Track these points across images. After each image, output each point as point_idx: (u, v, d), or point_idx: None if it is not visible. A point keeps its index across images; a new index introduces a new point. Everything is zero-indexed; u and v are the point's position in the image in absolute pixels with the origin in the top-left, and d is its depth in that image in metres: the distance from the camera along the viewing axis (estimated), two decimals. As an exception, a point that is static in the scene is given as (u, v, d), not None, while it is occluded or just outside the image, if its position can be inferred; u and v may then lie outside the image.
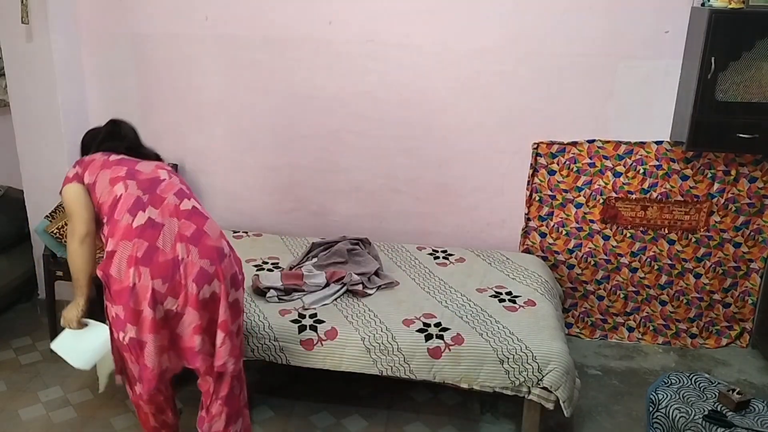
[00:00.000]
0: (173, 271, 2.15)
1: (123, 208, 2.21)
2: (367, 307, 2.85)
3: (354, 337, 2.63)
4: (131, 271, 2.12)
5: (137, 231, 2.17)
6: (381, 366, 2.62)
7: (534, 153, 3.43)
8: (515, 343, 2.59)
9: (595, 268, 3.56)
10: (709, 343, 3.58)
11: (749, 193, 3.35)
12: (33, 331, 3.54)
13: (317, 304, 2.84)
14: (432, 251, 3.44)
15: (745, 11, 2.91)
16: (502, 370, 2.55)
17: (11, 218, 3.67)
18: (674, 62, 3.20)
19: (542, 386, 2.54)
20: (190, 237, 2.20)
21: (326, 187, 3.64)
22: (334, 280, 2.96)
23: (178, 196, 2.30)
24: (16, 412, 2.88)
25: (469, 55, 3.31)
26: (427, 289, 3.04)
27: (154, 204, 2.23)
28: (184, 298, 2.16)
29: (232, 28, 3.42)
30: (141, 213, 2.20)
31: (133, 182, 2.27)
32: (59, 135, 3.43)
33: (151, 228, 2.18)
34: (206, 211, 2.35)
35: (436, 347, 2.59)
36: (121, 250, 2.16)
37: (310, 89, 3.46)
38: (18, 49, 3.32)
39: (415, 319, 2.74)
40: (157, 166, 2.40)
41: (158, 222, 2.20)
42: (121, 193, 2.24)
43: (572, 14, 3.20)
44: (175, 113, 3.61)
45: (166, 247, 2.16)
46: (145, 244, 2.15)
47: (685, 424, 2.32)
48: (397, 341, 2.61)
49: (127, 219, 2.19)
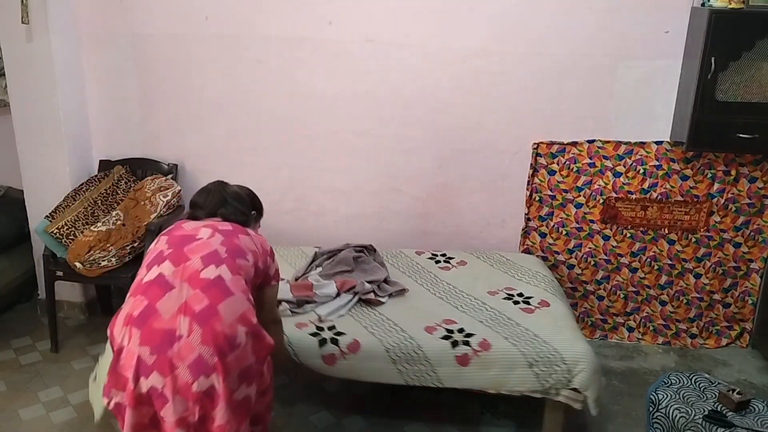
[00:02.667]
0: (165, 345, 1.80)
1: (144, 264, 2.00)
2: (383, 315, 2.75)
3: (378, 349, 2.52)
4: (123, 331, 1.86)
5: (144, 287, 1.91)
6: (407, 377, 2.53)
7: (534, 153, 3.43)
8: (542, 346, 2.52)
9: (595, 268, 3.56)
10: (709, 343, 3.58)
11: (749, 193, 3.35)
12: (33, 331, 3.55)
13: (333, 315, 2.73)
14: (432, 255, 3.38)
15: (745, 11, 2.91)
16: (532, 374, 2.49)
17: (11, 218, 3.67)
18: (674, 62, 3.20)
19: (572, 387, 2.49)
20: (197, 313, 1.84)
21: (326, 187, 3.64)
22: (345, 289, 2.87)
23: (205, 260, 1.94)
24: (16, 412, 2.89)
25: (469, 55, 3.32)
26: (438, 294, 2.97)
27: (174, 261, 1.94)
28: (173, 382, 1.80)
29: (232, 28, 3.42)
30: (155, 267, 1.94)
31: (166, 237, 2.05)
32: (59, 135, 3.43)
33: (158, 286, 1.89)
34: (239, 285, 1.94)
35: (463, 354, 2.51)
36: (125, 307, 1.91)
37: (310, 89, 3.46)
38: (18, 49, 3.32)
39: (437, 326, 2.65)
40: (205, 225, 2.09)
41: (168, 281, 1.89)
42: (150, 248, 2.05)
43: (572, 14, 3.20)
44: (175, 113, 3.61)
45: (166, 313, 1.84)
46: (144, 302, 1.87)
47: (685, 424, 2.32)
48: (423, 350, 2.52)
49: (142, 274, 1.96)
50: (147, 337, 1.81)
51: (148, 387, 1.81)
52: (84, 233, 3.21)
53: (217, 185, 2.30)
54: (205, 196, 2.24)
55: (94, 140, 3.68)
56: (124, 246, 3.21)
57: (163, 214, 3.35)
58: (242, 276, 1.97)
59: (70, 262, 3.17)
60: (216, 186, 2.29)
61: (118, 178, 3.52)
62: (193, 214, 2.21)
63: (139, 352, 1.80)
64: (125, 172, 3.56)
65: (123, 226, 3.28)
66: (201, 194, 2.26)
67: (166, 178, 3.49)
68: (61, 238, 3.22)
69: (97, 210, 3.37)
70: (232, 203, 2.23)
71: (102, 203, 3.41)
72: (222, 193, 2.25)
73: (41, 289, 3.64)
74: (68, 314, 3.70)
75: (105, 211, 3.38)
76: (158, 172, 3.59)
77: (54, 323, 3.34)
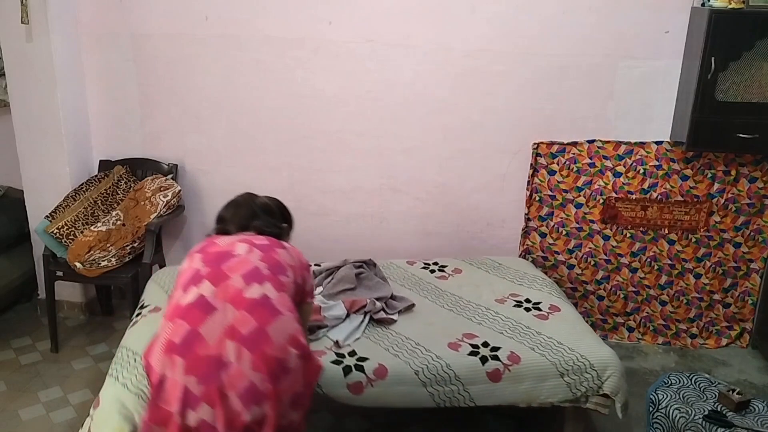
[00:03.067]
0: (213, 373, 1.66)
1: (179, 284, 1.85)
2: (401, 335, 2.59)
3: (406, 372, 2.36)
4: (164, 359, 1.70)
5: (183, 310, 1.76)
6: (439, 399, 2.39)
7: (534, 153, 3.43)
8: (569, 354, 2.46)
9: (595, 269, 3.56)
10: (709, 343, 3.58)
11: (749, 193, 3.35)
12: (33, 331, 3.54)
13: (350, 339, 2.53)
14: (424, 264, 3.25)
15: (745, 11, 2.91)
16: (564, 383, 2.42)
17: (11, 218, 3.67)
18: (674, 62, 3.20)
19: (602, 393, 2.45)
20: (246, 337, 1.71)
21: (326, 187, 3.64)
22: (355, 309, 2.68)
23: (246, 278, 1.81)
24: (16, 412, 2.88)
25: (469, 55, 3.32)
26: (447, 306, 2.84)
27: (213, 280, 1.80)
28: (224, 413, 1.65)
29: (232, 28, 3.42)
30: (193, 288, 1.79)
31: (200, 255, 1.90)
32: (59, 135, 3.43)
33: (199, 309, 1.75)
34: (285, 303, 1.84)
35: (494, 370, 2.40)
36: (163, 332, 1.76)
37: (310, 89, 3.46)
38: (18, 49, 3.31)
39: (460, 342, 2.52)
40: (240, 239, 1.96)
41: (210, 303, 1.75)
42: (184, 267, 1.90)
43: (572, 14, 3.20)
44: (175, 113, 3.60)
45: (211, 337, 1.70)
46: (185, 327, 1.72)
47: (685, 424, 2.32)
48: (453, 369, 2.38)
49: (178, 295, 1.81)
50: (192, 365, 1.67)
51: (197, 421, 1.66)
52: (84, 233, 3.21)
53: (247, 197, 2.18)
54: (233, 209, 2.12)
55: (94, 140, 3.68)
56: (124, 246, 3.21)
57: (163, 214, 3.35)
58: (287, 293, 1.86)
59: (70, 262, 3.17)
60: (245, 198, 2.18)
61: (118, 178, 3.52)
62: (224, 229, 2.07)
63: (185, 383, 1.66)
64: (125, 172, 3.56)
65: (123, 226, 3.28)
66: (229, 207, 2.14)
67: (166, 178, 3.49)
68: (61, 238, 3.22)
69: (97, 210, 3.37)
70: (263, 216, 2.12)
71: (102, 203, 3.41)
72: (252, 206, 2.14)
73: (41, 289, 3.63)
74: (68, 314, 3.70)
75: (105, 211, 3.38)
76: (158, 172, 3.58)
77: (54, 323, 3.34)
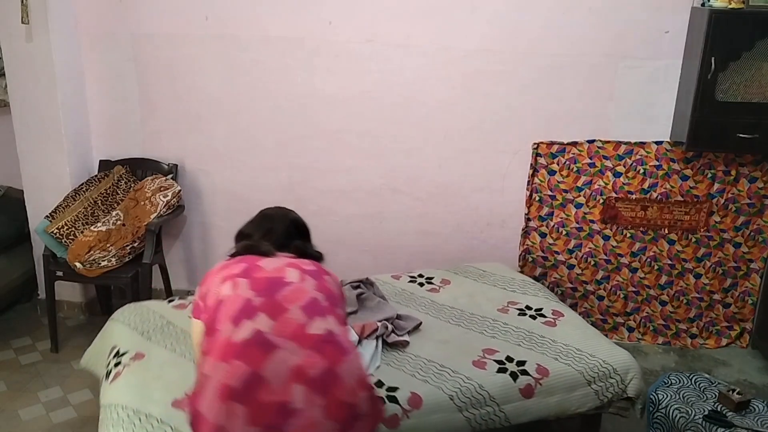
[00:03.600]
0: (280, 423, 1.45)
1: (225, 315, 1.58)
2: (421, 358, 2.44)
3: (441, 398, 2.22)
4: (221, 408, 1.45)
5: (238, 348, 1.51)
6: (475, 423, 2.26)
7: (534, 153, 3.43)
8: (592, 360, 2.42)
9: (595, 268, 3.56)
10: (709, 343, 3.58)
11: (749, 193, 3.35)
12: (33, 331, 3.54)
13: (372, 368, 2.36)
14: (411, 278, 3.10)
15: (745, 11, 2.91)
16: (591, 391, 2.38)
17: (11, 218, 3.67)
18: (674, 62, 3.20)
19: (625, 397, 2.43)
20: (316, 380, 1.49)
21: (326, 187, 3.64)
22: (366, 334, 2.49)
23: (307, 310, 1.60)
24: (16, 412, 2.89)
25: (469, 55, 3.31)
26: (452, 321, 2.72)
27: (270, 313, 1.57)
28: None
29: (232, 28, 3.42)
30: (247, 322, 1.55)
31: (245, 281, 1.64)
32: (59, 135, 3.43)
33: (259, 347, 1.51)
34: (348, 340, 1.63)
35: (526, 385, 2.31)
36: (216, 374, 1.50)
37: (310, 89, 3.46)
38: (18, 49, 3.31)
39: (483, 359, 2.42)
40: (288, 264, 1.73)
41: (269, 340, 1.52)
42: (227, 293, 1.62)
43: (573, 14, 3.20)
44: (175, 113, 3.61)
45: (275, 381, 1.47)
46: (245, 369, 1.47)
47: (685, 424, 2.32)
48: (486, 390, 2.27)
49: (228, 330, 1.55)
50: (256, 414, 1.44)
51: None
52: (84, 233, 3.21)
53: (279, 211, 1.97)
54: (266, 223, 1.90)
55: (94, 140, 3.68)
56: (124, 246, 3.21)
57: (163, 214, 3.35)
58: (346, 328, 1.67)
59: (70, 262, 3.17)
60: (279, 213, 1.96)
61: (118, 178, 3.52)
62: (254, 247, 1.81)
63: None
64: (125, 172, 3.56)
65: (123, 226, 3.28)
66: (261, 222, 1.92)
67: (166, 178, 3.49)
68: (61, 238, 3.22)
69: (97, 210, 3.37)
70: (299, 234, 1.91)
71: (102, 203, 3.41)
72: (287, 221, 1.93)
73: (41, 289, 3.63)
74: (68, 314, 3.70)
75: (105, 211, 3.38)
76: (158, 172, 3.58)
77: (54, 323, 3.34)
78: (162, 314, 2.68)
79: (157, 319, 2.64)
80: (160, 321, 2.63)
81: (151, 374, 2.27)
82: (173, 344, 2.47)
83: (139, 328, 2.58)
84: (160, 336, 2.53)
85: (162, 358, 2.38)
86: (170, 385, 2.19)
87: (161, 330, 2.57)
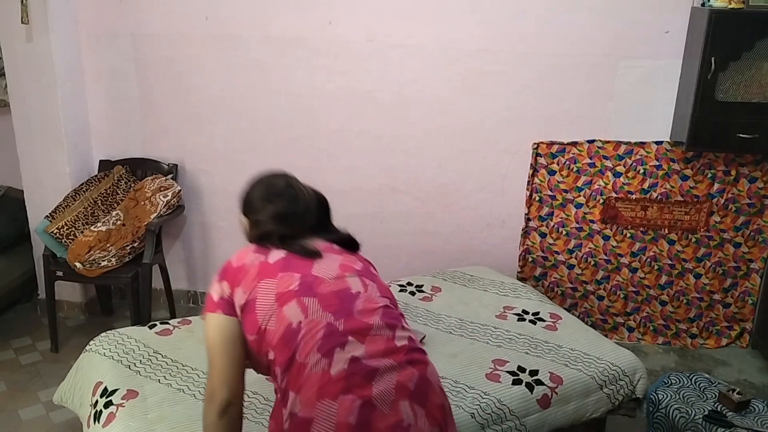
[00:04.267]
0: None
1: (309, 345, 1.47)
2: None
3: (462, 417, 2.12)
4: None
5: (342, 383, 1.42)
6: None
7: (534, 153, 3.43)
8: (600, 364, 2.40)
9: (595, 269, 3.56)
10: (709, 343, 3.58)
11: (749, 193, 3.35)
12: (33, 331, 3.54)
13: None
14: (400, 287, 3.00)
15: (745, 11, 2.91)
16: (604, 395, 2.36)
17: (11, 218, 3.67)
18: (674, 62, 3.20)
19: (634, 398, 2.42)
20: (414, 392, 1.45)
21: (326, 187, 3.59)
22: None
23: (386, 320, 1.55)
24: (16, 412, 2.89)
25: (469, 55, 3.31)
26: (454, 332, 2.63)
27: (357, 336, 1.49)
28: None
29: (232, 28, 3.42)
30: (339, 352, 1.45)
31: (314, 300, 1.54)
32: (59, 135, 3.43)
33: (361, 375, 1.43)
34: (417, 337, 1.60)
35: (543, 395, 2.26)
36: (323, 415, 1.39)
37: (310, 89, 3.46)
38: (18, 49, 3.31)
39: (496, 371, 2.35)
40: (341, 266, 1.64)
41: (369, 365, 1.45)
42: (299, 319, 1.50)
43: (572, 14, 3.20)
44: (175, 113, 3.61)
45: (385, 404, 1.41)
46: (357, 402, 1.39)
47: (685, 424, 2.32)
48: (506, 404, 2.19)
49: (319, 362, 1.44)
50: None
51: None
52: (84, 233, 3.21)
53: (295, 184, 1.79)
54: (291, 204, 1.76)
55: (94, 140, 3.68)
56: (124, 246, 3.21)
57: (163, 214, 3.35)
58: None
59: (70, 262, 3.17)
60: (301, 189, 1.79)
61: (118, 178, 3.52)
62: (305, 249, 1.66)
63: None
64: (125, 172, 3.56)
65: (123, 226, 3.28)
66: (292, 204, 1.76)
67: (166, 178, 3.49)
68: (61, 238, 3.22)
69: (97, 210, 3.37)
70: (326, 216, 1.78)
71: (102, 203, 3.41)
72: (310, 201, 1.77)
73: (41, 289, 3.63)
74: (68, 314, 3.70)
75: (105, 211, 3.38)
76: (158, 172, 3.58)
77: (54, 323, 3.34)
78: (146, 343, 2.45)
79: (141, 348, 2.42)
80: (145, 351, 2.40)
81: (152, 415, 2.05)
82: (167, 377, 2.25)
83: (123, 360, 2.35)
84: (150, 369, 2.30)
85: (159, 395, 2.16)
86: (176, 425, 2.00)
87: (149, 362, 2.34)
